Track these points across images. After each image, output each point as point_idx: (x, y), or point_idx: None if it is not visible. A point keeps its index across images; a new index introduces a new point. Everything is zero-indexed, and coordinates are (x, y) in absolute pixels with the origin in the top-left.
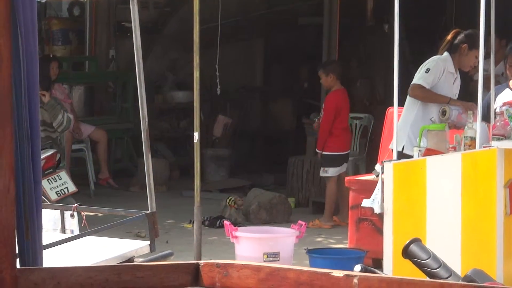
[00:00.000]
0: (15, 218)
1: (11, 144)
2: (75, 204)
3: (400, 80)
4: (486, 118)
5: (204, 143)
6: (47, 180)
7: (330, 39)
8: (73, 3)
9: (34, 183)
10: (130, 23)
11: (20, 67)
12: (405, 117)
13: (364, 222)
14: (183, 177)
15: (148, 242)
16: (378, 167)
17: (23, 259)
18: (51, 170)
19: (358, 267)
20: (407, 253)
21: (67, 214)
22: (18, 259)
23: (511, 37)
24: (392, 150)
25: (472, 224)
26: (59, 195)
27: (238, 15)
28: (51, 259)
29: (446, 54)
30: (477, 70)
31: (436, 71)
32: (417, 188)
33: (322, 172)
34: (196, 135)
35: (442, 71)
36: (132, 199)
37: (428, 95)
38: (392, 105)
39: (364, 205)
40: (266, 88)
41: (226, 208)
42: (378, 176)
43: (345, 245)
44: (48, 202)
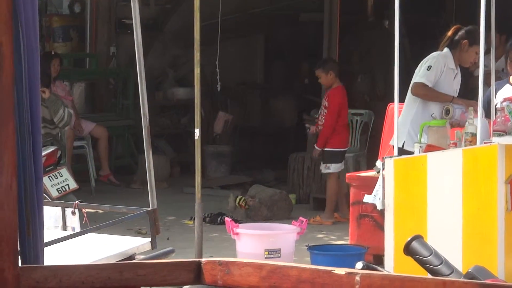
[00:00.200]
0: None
1: (13, 141)
2: (76, 201)
3: (401, 76)
4: (487, 114)
5: (205, 140)
6: (48, 177)
7: (331, 36)
8: (73, 0)
9: (36, 180)
10: (130, 20)
11: (21, 64)
12: (405, 113)
13: (365, 218)
14: (184, 173)
15: (149, 239)
16: (379, 163)
17: (25, 256)
18: (52, 167)
19: (359, 264)
20: (409, 250)
21: (68, 211)
22: (19, 256)
23: (511, 32)
24: (393, 146)
25: (473, 220)
26: (60, 192)
27: (238, 11)
28: (52, 256)
29: (446, 50)
30: (477, 66)
31: (437, 68)
32: (418, 184)
33: (324, 168)
34: (197, 132)
35: (442, 68)
36: (133, 195)
37: (431, 93)
38: (392, 101)
39: (366, 201)
40: (266, 84)
41: (237, 209)
42: (379, 172)
43: (346, 241)
44: (49, 199)
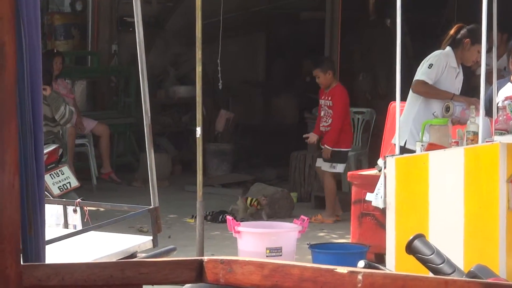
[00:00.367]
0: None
1: (16, 140)
2: (78, 199)
3: (403, 75)
4: (489, 112)
5: (207, 138)
6: (50, 175)
7: (332, 34)
8: None
9: (37, 178)
10: (132, 17)
11: (23, 62)
12: (407, 111)
13: (366, 217)
14: (186, 172)
15: (150, 237)
16: (380, 161)
17: (26, 254)
18: (54, 165)
19: (361, 263)
20: (410, 248)
21: (70, 209)
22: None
23: None
24: (395, 145)
25: (474, 218)
26: (61, 190)
27: (240, 9)
28: (54, 254)
29: (448, 48)
30: (479, 65)
31: (438, 66)
32: (419, 183)
33: (329, 167)
34: (198, 130)
35: (444, 66)
36: (134, 194)
37: (431, 91)
38: (394, 99)
39: (368, 199)
40: (268, 82)
41: (251, 209)
42: (380, 171)
43: (347, 240)
44: (50, 197)
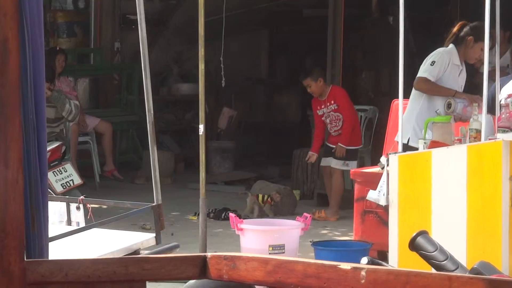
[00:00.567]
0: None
1: (20, 136)
2: (81, 197)
3: (405, 72)
4: (491, 110)
5: (209, 136)
6: (53, 172)
7: (335, 31)
8: None
9: (40, 175)
10: (134, 15)
11: (26, 59)
12: (410, 109)
13: (369, 214)
14: (188, 169)
15: (153, 235)
16: (383, 159)
17: (29, 251)
18: (57, 162)
19: (365, 260)
20: (414, 245)
21: (73, 206)
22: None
23: None
24: (398, 142)
25: (477, 215)
26: (64, 187)
27: (242, 7)
28: (57, 251)
29: (451, 46)
30: (483, 62)
31: (441, 63)
32: (422, 180)
33: (342, 165)
34: (201, 127)
35: (447, 64)
36: (137, 191)
37: (433, 88)
38: (397, 97)
39: (370, 196)
40: (271, 80)
41: (267, 206)
42: (383, 168)
43: (350, 237)
44: (53, 194)
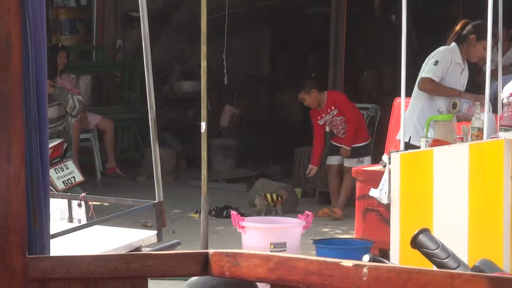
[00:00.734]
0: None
1: (22, 132)
2: (83, 194)
3: (408, 71)
4: (494, 108)
5: (211, 133)
6: (54, 169)
7: (338, 29)
8: None
9: (42, 172)
10: (137, 12)
11: (28, 56)
12: (412, 107)
13: (371, 212)
14: (190, 167)
15: (155, 232)
16: (385, 157)
17: (31, 248)
18: (58, 159)
19: (366, 257)
20: (415, 243)
21: (75, 203)
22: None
23: None
24: (399, 141)
25: (479, 214)
26: (66, 184)
27: (245, 5)
28: (58, 248)
29: (453, 44)
30: (485, 61)
31: (444, 62)
32: (424, 179)
33: (357, 162)
34: (203, 125)
35: (449, 62)
36: (139, 188)
37: (438, 88)
38: (399, 95)
39: (372, 195)
40: (273, 78)
41: (278, 205)
42: (385, 166)
43: (351, 235)
44: (55, 191)
